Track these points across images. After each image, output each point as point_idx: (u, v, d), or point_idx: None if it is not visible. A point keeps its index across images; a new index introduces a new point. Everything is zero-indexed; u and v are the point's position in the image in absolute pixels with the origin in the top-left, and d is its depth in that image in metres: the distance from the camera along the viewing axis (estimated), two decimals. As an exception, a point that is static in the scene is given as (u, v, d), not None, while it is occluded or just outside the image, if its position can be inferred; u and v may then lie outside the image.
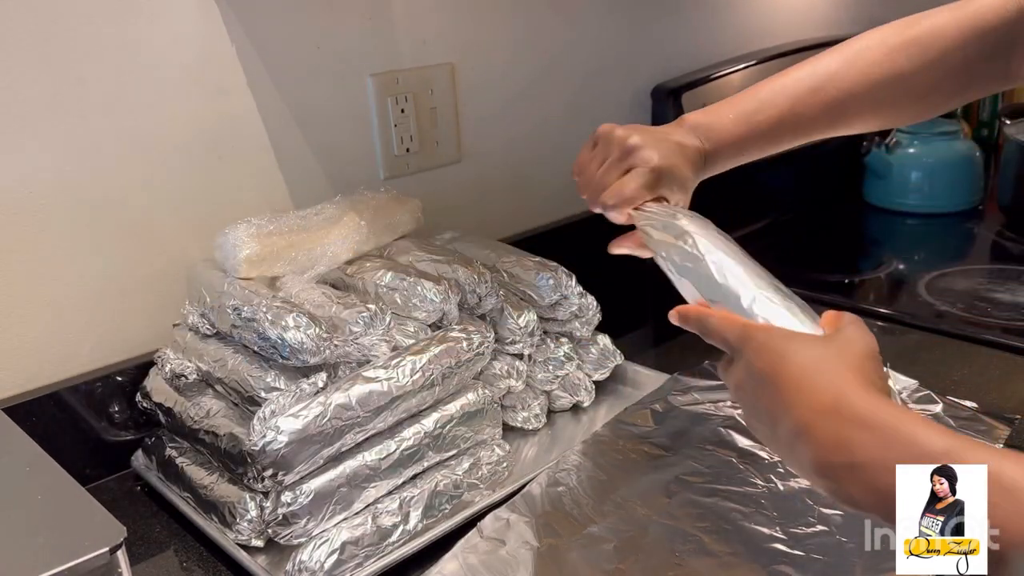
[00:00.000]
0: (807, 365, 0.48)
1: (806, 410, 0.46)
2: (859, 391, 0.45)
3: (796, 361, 0.48)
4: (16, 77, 0.75)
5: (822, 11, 1.60)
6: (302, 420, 0.65)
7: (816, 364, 0.47)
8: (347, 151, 0.99)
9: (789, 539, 0.67)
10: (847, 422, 0.45)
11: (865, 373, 0.47)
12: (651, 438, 0.81)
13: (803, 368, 0.47)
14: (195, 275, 0.83)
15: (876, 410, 0.45)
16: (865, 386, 0.46)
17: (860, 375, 0.47)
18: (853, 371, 0.47)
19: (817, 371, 0.47)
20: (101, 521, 0.49)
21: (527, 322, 0.83)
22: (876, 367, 0.48)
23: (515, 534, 0.68)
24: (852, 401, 0.45)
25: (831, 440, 0.45)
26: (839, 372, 0.47)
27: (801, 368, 0.48)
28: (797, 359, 0.48)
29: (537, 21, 1.14)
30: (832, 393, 0.46)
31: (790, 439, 0.47)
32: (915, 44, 0.68)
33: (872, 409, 0.45)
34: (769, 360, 0.49)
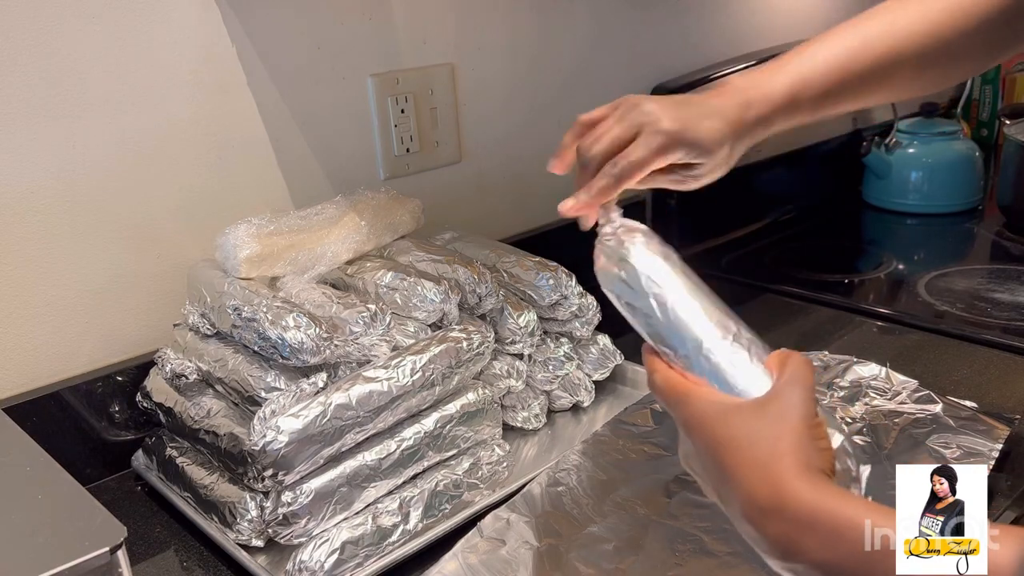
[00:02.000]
0: (742, 448, 0.46)
1: (749, 507, 0.45)
2: (796, 482, 0.44)
3: (731, 442, 0.47)
4: (16, 77, 0.75)
5: (822, 11, 1.60)
6: (302, 420, 0.65)
7: (751, 449, 0.46)
8: (347, 151, 0.99)
9: None
10: (792, 524, 0.44)
11: (802, 451, 0.45)
12: (651, 438, 0.81)
13: (739, 451, 0.46)
14: (195, 275, 0.83)
15: (817, 505, 0.43)
16: (802, 473, 0.44)
17: (797, 457, 0.45)
18: (790, 454, 0.45)
19: (753, 459, 0.45)
20: (101, 521, 0.49)
21: (527, 322, 0.83)
22: (813, 436, 0.46)
23: (515, 534, 0.68)
24: (792, 498, 0.44)
25: (782, 542, 0.44)
26: (775, 458, 0.45)
27: (737, 451, 0.46)
28: (732, 438, 0.47)
29: (537, 21, 1.14)
30: (770, 488, 0.44)
31: (742, 525, 0.47)
32: (957, 4, 0.65)
33: (813, 504, 0.43)
34: (705, 436, 0.48)
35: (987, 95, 1.78)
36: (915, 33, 0.65)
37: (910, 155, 1.47)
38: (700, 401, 0.49)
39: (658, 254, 0.55)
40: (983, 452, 0.74)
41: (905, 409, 0.82)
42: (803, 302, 1.14)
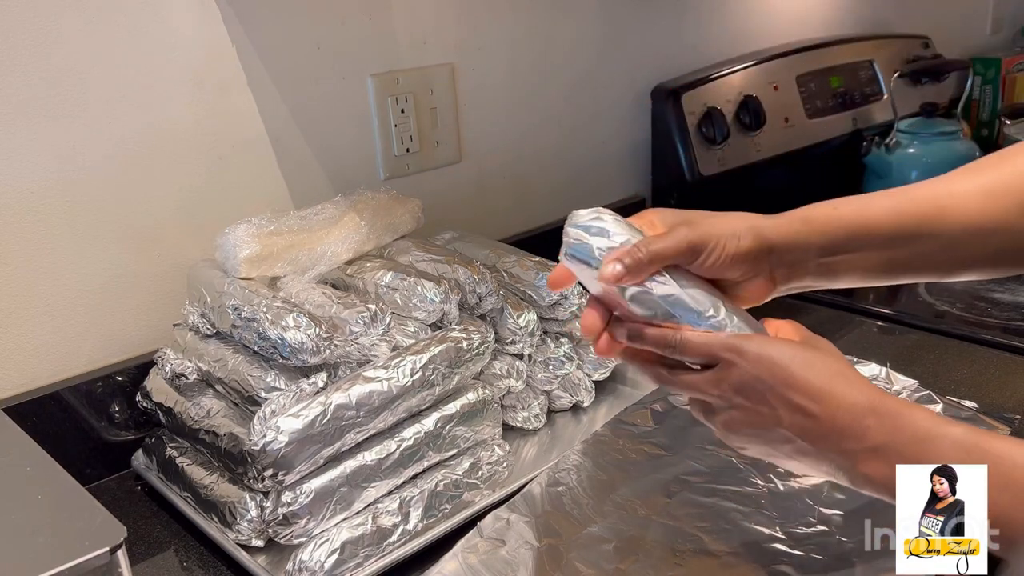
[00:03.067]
0: (816, 368, 0.51)
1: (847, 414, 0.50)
2: (865, 388, 0.51)
3: (804, 365, 0.51)
4: (16, 77, 0.75)
5: (822, 11, 1.60)
6: (302, 420, 0.65)
7: (822, 368, 0.51)
8: (347, 151, 0.99)
9: (789, 539, 0.67)
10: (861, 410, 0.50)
11: (857, 374, 0.52)
12: (651, 438, 0.81)
13: (812, 371, 0.51)
14: (195, 275, 0.83)
15: (883, 400, 0.50)
16: (865, 383, 0.51)
17: (856, 375, 0.52)
18: (851, 374, 0.52)
19: (827, 374, 0.51)
20: (101, 521, 0.49)
21: (527, 322, 0.83)
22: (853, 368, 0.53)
23: (515, 534, 0.68)
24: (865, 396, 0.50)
25: (848, 429, 0.50)
26: (840, 375, 0.51)
27: (811, 371, 0.51)
28: (804, 364, 0.51)
29: (537, 21, 1.14)
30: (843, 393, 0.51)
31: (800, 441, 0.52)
32: None
33: (879, 400, 0.50)
34: (767, 365, 0.51)
35: (987, 95, 1.78)
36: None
37: (910, 155, 1.47)
38: (755, 342, 0.53)
39: None
40: (983, 452, 0.74)
41: (905, 409, 0.82)
42: (803, 302, 1.14)
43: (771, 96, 1.36)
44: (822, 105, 1.45)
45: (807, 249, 0.58)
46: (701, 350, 0.54)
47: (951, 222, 0.59)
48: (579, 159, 1.25)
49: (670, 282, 0.54)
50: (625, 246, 0.54)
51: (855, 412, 0.50)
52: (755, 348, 0.52)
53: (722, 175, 1.30)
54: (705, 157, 1.27)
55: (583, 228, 0.56)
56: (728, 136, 1.29)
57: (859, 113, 1.51)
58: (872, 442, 0.50)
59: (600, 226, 0.56)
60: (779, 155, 1.38)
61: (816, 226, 0.58)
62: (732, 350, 0.53)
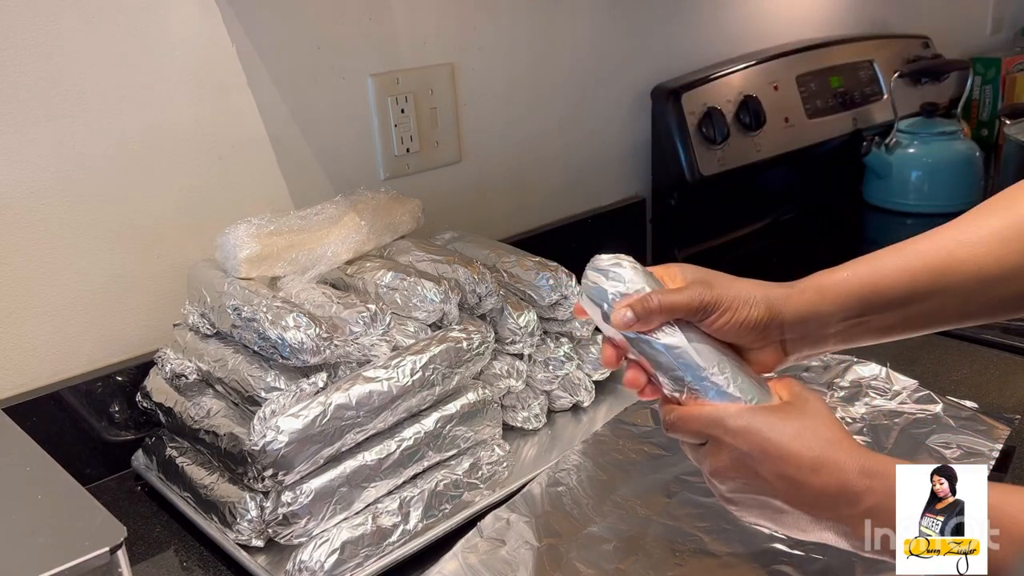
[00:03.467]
0: (803, 436, 0.51)
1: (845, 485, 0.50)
2: (855, 451, 0.50)
3: (784, 436, 0.51)
4: (16, 77, 0.75)
5: (822, 11, 1.60)
6: (302, 420, 0.65)
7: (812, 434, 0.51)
8: (347, 151, 0.99)
9: (788, 539, 0.67)
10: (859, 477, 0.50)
11: (848, 435, 0.52)
12: (651, 438, 0.81)
13: (793, 440, 0.51)
14: (195, 275, 0.83)
15: (873, 462, 0.50)
16: (855, 446, 0.51)
17: (845, 435, 0.51)
18: (840, 434, 0.51)
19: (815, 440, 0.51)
20: (101, 521, 0.49)
21: (527, 322, 0.83)
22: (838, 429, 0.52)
23: (515, 534, 0.68)
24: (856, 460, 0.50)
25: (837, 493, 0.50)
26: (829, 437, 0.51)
27: (791, 440, 0.51)
28: (785, 435, 0.51)
29: (537, 21, 1.14)
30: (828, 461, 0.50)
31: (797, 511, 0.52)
32: None
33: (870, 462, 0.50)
34: (755, 440, 0.51)
35: (987, 95, 1.78)
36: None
37: (910, 155, 1.47)
38: (737, 415, 0.52)
39: None
40: (983, 452, 0.74)
41: (905, 409, 0.82)
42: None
43: (771, 96, 1.36)
44: (822, 105, 1.45)
45: (822, 321, 0.58)
46: (690, 427, 0.54)
47: (965, 273, 0.58)
48: (579, 159, 1.25)
49: (678, 334, 0.55)
50: (639, 294, 0.56)
51: (847, 477, 0.50)
52: (741, 423, 0.52)
53: (722, 175, 1.30)
54: (705, 157, 1.27)
55: (601, 272, 0.57)
56: (728, 136, 1.29)
57: (859, 113, 1.51)
58: (867, 505, 0.50)
59: (618, 272, 0.57)
60: (779, 155, 1.38)
61: (830, 296, 0.58)
62: (718, 425, 0.53)
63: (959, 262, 0.58)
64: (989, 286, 0.57)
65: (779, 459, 0.51)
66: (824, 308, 0.58)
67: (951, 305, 0.58)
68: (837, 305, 0.58)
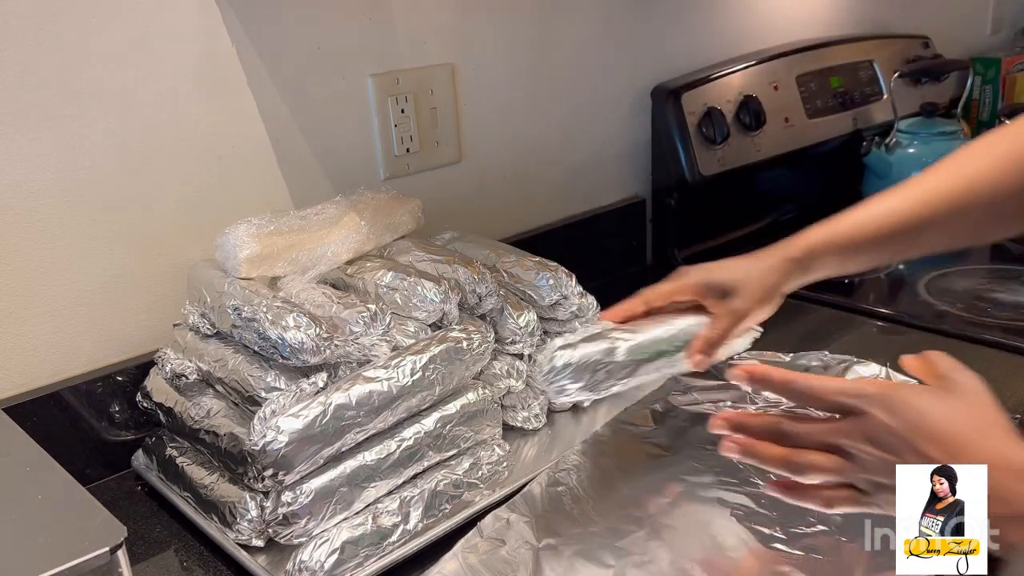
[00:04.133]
0: (956, 420, 0.49)
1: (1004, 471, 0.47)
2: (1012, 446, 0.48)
3: (942, 417, 0.49)
4: (16, 77, 0.75)
5: (822, 11, 1.60)
6: (302, 420, 0.65)
7: (964, 420, 0.49)
8: (347, 151, 0.99)
9: (789, 539, 0.67)
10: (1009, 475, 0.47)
11: (1005, 426, 0.49)
12: (651, 438, 0.81)
13: (952, 423, 0.49)
14: (195, 275, 0.83)
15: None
16: (1012, 439, 0.48)
17: (1004, 428, 0.49)
18: (998, 426, 0.49)
19: (968, 427, 0.49)
20: (101, 521, 0.49)
21: (527, 322, 0.83)
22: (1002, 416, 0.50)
23: (515, 534, 0.68)
24: (1008, 456, 0.47)
25: (994, 493, 0.47)
26: (987, 428, 0.49)
27: (951, 423, 0.49)
28: (942, 415, 0.49)
29: (537, 21, 1.14)
30: (988, 451, 0.47)
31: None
32: None
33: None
34: (911, 417, 0.49)
35: (987, 95, 1.78)
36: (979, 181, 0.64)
37: (910, 155, 1.47)
38: (895, 388, 0.51)
39: None
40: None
41: (906, 409, 0.82)
42: (803, 302, 1.14)
43: (771, 96, 1.36)
44: (822, 105, 1.45)
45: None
46: (830, 395, 0.53)
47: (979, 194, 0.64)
48: (579, 159, 1.25)
49: None
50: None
51: (1006, 473, 0.47)
52: (890, 394, 0.50)
53: (722, 175, 1.30)
54: (705, 157, 1.27)
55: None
56: (728, 136, 1.28)
57: (859, 113, 1.51)
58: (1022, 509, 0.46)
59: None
60: (779, 155, 1.38)
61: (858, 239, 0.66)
62: (863, 396, 0.51)
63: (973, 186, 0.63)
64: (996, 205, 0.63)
65: (929, 439, 0.49)
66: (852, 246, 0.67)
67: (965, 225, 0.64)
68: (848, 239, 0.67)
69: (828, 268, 0.68)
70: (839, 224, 0.68)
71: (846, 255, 0.67)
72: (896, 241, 0.66)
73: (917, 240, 0.66)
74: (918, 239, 0.66)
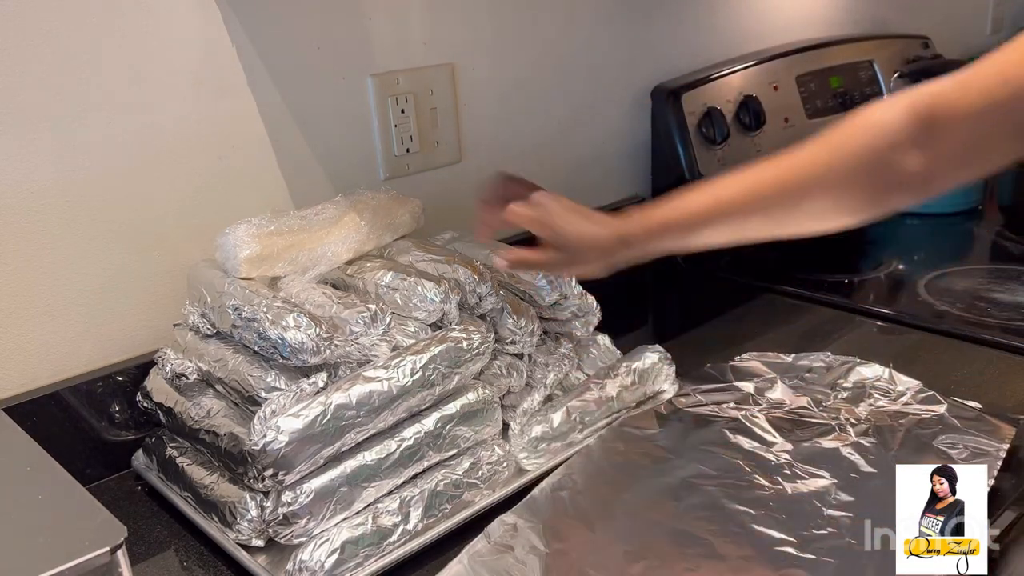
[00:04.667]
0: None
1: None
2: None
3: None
4: (16, 78, 0.75)
5: (822, 11, 1.60)
6: (302, 420, 0.65)
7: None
8: (347, 151, 0.99)
9: (799, 542, 0.66)
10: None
11: None
12: (655, 440, 0.81)
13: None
14: (195, 275, 0.83)
15: None
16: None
17: None
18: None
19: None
20: (102, 521, 0.49)
21: (527, 322, 0.83)
22: None
23: (522, 539, 0.68)
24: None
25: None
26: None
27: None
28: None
29: (537, 21, 1.14)
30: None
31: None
32: None
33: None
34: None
35: (987, 95, 1.78)
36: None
37: (910, 155, 1.47)
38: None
39: None
40: (990, 452, 0.73)
41: (910, 410, 0.82)
42: (803, 302, 1.14)
43: (771, 96, 1.36)
44: (822, 105, 1.45)
45: None
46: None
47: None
48: (579, 159, 1.25)
49: None
50: None
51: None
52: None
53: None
54: (705, 157, 1.27)
55: None
56: (728, 136, 1.28)
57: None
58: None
59: None
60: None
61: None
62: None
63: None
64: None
65: None
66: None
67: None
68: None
69: (666, 247, 0.74)
70: (675, 205, 0.72)
71: (683, 235, 0.72)
72: (730, 223, 0.70)
73: (748, 222, 0.69)
74: (748, 221, 0.69)
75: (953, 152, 0.61)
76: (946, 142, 0.61)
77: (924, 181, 0.62)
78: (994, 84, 0.59)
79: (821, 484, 0.72)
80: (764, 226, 0.70)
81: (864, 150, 0.63)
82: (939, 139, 0.61)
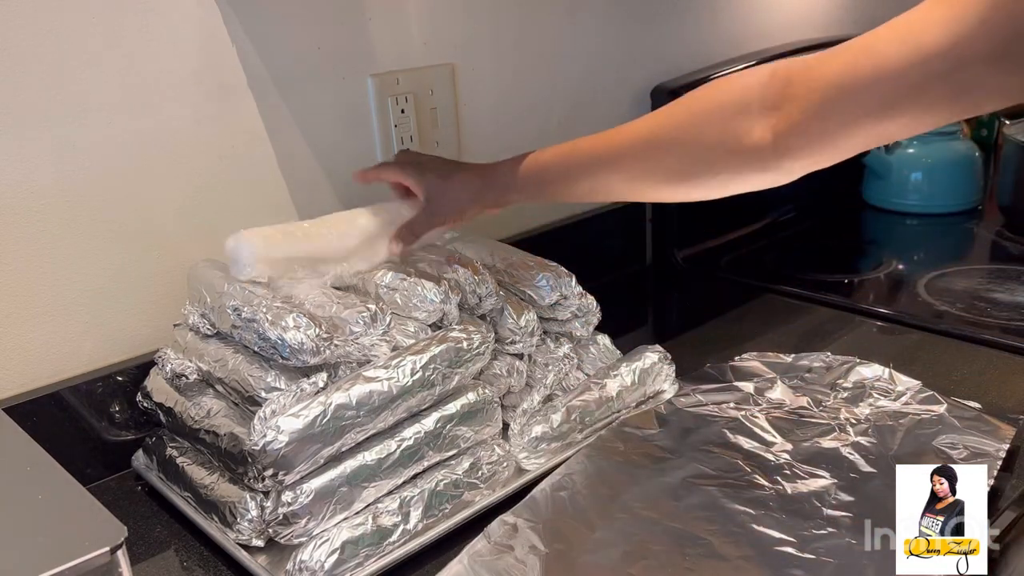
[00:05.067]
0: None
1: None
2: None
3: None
4: (16, 78, 0.75)
5: (822, 11, 1.60)
6: (303, 420, 0.65)
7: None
8: (347, 151, 0.99)
9: (799, 542, 0.66)
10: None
11: None
12: (655, 440, 0.81)
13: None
14: (195, 275, 0.83)
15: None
16: None
17: None
18: None
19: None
20: (102, 521, 0.49)
21: (527, 322, 0.83)
22: None
23: (522, 539, 0.68)
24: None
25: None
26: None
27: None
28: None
29: (537, 21, 1.14)
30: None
31: None
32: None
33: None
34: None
35: (987, 95, 1.77)
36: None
37: (910, 155, 1.47)
38: None
39: None
40: (990, 452, 0.73)
41: (910, 410, 0.82)
42: (803, 302, 1.14)
43: (771, 96, 1.36)
44: (822, 105, 1.45)
45: None
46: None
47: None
48: (579, 159, 1.24)
49: None
50: None
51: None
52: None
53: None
54: (705, 157, 1.27)
55: None
56: (728, 136, 1.28)
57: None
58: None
59: None
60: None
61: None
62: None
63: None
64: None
65: None
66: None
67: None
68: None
69: (521, 199, 0.80)
70: (534, 159, 0.77)
71: (544, 183, 0.78)
72: (589, 174, 0.74)
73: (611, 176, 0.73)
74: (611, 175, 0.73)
75: (806, 123, 0.59)
76: (798, 107, 0.59)
77: (775, 152, 0.61)
78: (859, 56, 0.56)
79: (821, 484, 0.72)
80: (623, 183, 0.72)
81: (716, 107, 0.63)
82: (791, 102, 0.59)
